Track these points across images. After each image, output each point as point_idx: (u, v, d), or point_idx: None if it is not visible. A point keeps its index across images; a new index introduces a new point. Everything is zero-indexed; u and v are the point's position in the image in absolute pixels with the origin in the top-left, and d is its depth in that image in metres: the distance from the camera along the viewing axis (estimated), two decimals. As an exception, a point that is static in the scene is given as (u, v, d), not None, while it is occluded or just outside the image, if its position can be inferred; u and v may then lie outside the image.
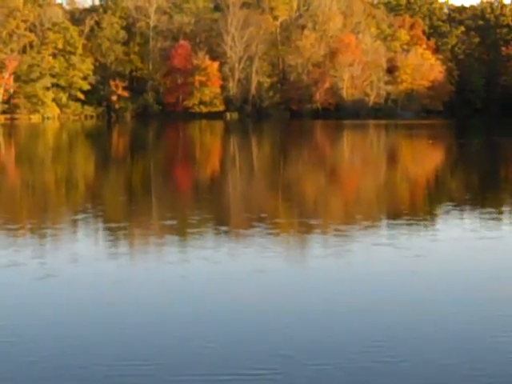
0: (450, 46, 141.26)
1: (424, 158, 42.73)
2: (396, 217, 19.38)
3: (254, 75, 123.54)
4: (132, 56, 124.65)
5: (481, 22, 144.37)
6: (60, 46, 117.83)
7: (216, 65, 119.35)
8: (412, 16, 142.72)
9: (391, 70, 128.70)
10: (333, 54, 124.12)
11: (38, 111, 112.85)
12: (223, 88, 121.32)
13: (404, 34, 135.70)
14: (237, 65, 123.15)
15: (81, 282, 12.19)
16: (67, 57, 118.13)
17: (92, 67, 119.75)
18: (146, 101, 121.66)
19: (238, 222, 18.70)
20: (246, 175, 32.35)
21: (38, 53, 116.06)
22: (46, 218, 19.52)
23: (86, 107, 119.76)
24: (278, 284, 12.08)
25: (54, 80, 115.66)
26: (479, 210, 20.87)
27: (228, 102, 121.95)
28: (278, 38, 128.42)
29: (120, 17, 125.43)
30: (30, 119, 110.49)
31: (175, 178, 32.63)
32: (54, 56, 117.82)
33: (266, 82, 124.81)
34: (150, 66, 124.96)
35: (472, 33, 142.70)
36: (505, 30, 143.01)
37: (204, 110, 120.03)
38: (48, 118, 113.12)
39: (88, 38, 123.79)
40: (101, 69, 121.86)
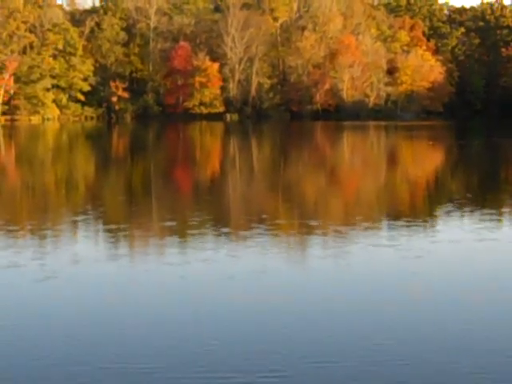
0: (450, 48, 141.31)
1: (424, 160, 42.73)
2: (396, 218, 19.41)
3: (254, 76, 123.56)
4: (132, 57, 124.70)
5: (481, 23, 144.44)
6: (60, 47, 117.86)
7: (216, 66, 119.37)
8: (412, 17, 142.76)
9: (391, 71, 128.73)
10: (333, 55, 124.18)
11: (38, 112, 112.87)
12: (223, 89, 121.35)
13: (404, 36, 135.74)
14: (237, 66, 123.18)
15: (81, 283, 12.21)
16: (67, 58, 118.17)
17: (92, 68, 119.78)
18: (146, 102, 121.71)
19: (238, 224, 18.72)
20: (246, 176, 32.36)
21: (38, 54, 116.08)
22: (47, 219, 19.53)
23: (86, 108, 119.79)
24: (278, 285, 12.09)
25: (54, 81, 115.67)
26: (479, 211, 20.88)
27: (228, 104, 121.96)
28: (278, 39, 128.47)
29: (120, 18, 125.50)
30: (30, 120, 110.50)
31: (175, 179, 32.64)
32: (55, 57, 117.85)
33: (266, 83, 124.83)
34: (150, 67, 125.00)
35: (472, 34, 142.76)
36: (505, 32, 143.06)
37: (204, 111, 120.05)
38: (48, 119, 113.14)
39: (88, 39, 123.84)
40: (101, 70, 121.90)
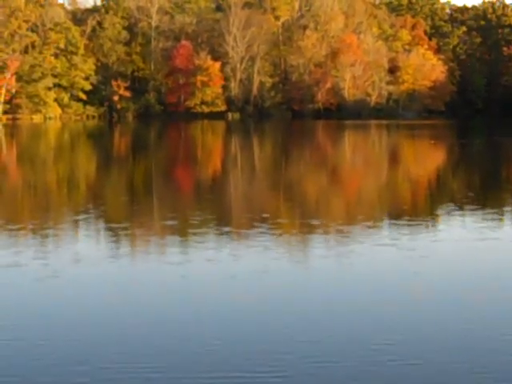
0: (451, 47, 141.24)
1: (426, 158, 42.70)
2: (398, 217, 19.40)
3: (255, 75, 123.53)
4: (134, 56, 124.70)
5: (483, 22, 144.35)
6: (62, 46, 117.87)
7: (218, 65, 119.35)
8: (414, 16, 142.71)
9: (393, 70, 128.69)
10: (334, 54, 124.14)
11: (40, 111, 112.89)
12: (225, 88, 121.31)
13: (406, 34, 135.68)
14: (238, 65, 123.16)
15: (82, 283, 12.21)
16: (69, 57, 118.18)
17: (94, 67, 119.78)
18: (148, 101, 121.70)
19: (240, 223, 18.71)
20: (247, 175, 32.35)
21: (40, 53, 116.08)
22: (48, 218, 19.53)
23: (88, 107, 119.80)
24: (280, 284, 12.08)
25: (56, 80, 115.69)
26: (481, 210, 20.86)
27: (230, 102, 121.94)
28: (280, 38, 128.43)
29: (122, 17, 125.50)
30: (31, 119, 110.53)
31: (177, 178, 32.64)
32: (56, 56, 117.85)
33: (268, 82, 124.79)
34: (152, 66, 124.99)
35: (474, 33, 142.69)
36: (506, 30, 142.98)
37: (206, 110, 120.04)
38: (50, 118, 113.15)
39: (90, 38, 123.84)
40: (103, 69, 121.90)
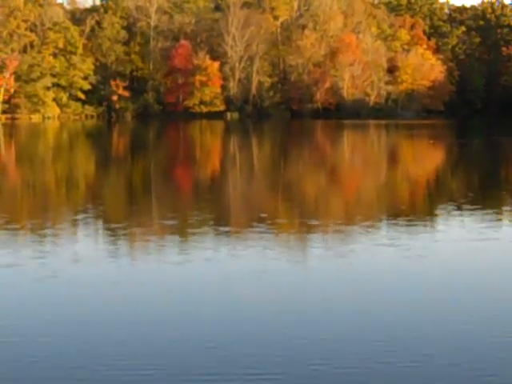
0: (450, 46, 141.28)
1: (425, 158, 42.70)
2: (397, 217, 19.39)
3: (254, 75, 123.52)
4: (133, 56, 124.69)
5: (481, 22, 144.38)
6: (61, 45, 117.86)
7: (216, 65, 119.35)
8: (413, 16, 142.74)
9: (392, 69, 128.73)
10: (333, 54, 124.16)
11: (39, 111, 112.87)
12: (224, 88, 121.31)
13: (404, 34, 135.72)
14: (237, 65, 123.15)
15: (81, 283, 12.19)
16: (68, 56, 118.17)
17: (92, 67, 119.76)
18: (147, 101, 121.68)
19: (239, 223, 18.70)
20: (246, 175, 32.34)
21: (39, 52, 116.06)
22: (47, 217, 19.51)
23: (87, 107, 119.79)
24: (279, 284, 12.07)
25: (55, 80, 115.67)
26: (480, 210, 20.86)
27: (228, 102, 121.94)
28: (279, 37, 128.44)
29: (121, 17, 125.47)
30: (30, 119, 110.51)
31: (176, 178, 32.62)
32: (55, 56, 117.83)
33: (267, 81, 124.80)
34: (151, 66, 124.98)
35: (473, 33, 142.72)
36: (505, 30, 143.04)
37: (204, 109, 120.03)
38: (48, 118, 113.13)
39: (89, 38, 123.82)
40: (101, 69, 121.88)
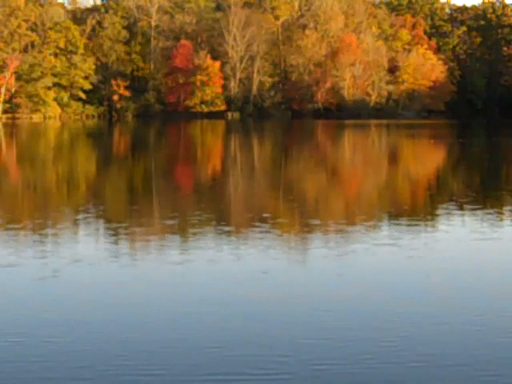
0: (451, 46, 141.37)
1: (425, 158, 42.70)
2: (398, 216, 19.37)
3: (255, 75, 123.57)
4: (133, 55, 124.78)
5: (482, 22, 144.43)
6: (61, 45, 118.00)
7: (217, 64, 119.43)
8: (413, 16, 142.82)
9: (392, 69, 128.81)
10: (334, 54, 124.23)
11: (40, 111, 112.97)
12: (224, 88, 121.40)
13: (405, 34, 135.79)
14: (238, 64, 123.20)
15: (82, 282, 12.17)
16: (69, 56, 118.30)
17: (93, 67, 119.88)
18: (148, 100, 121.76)
19: (240, 222, 18.68)
20: (247, 175, 32.32)
21: (40, 52, 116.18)
22: (48, 217, 19.49)
23: (88, 107, 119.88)
24: (280, 284, 12.05)
25: (56, 79, 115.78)
26: (482, 210, 20.84)
27: (229, 102, 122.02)
28: (280, 37, 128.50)
29: (122, 16, 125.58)
30: (31, 118, 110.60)
31: (177, 177, 32.61)
32: (56, 55, 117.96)
33: (268, 81, 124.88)
34: (152, 66, 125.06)
35: (473, 33, 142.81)
36: (506, 30, 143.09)
37: (205, 109, 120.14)
38: (49, 118, 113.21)
39: (89, 38, 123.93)
40: (102, 68, 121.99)
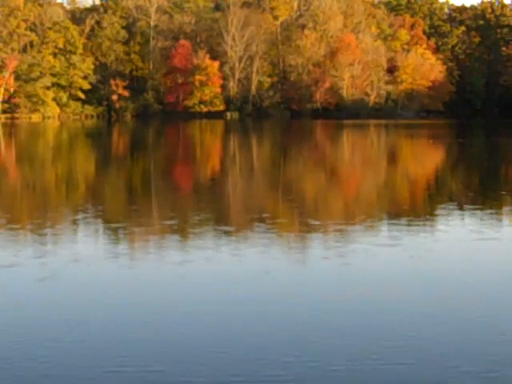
0: (450, 46, 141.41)
1: (424, 158, 42.71)
2: (397, 216, 19.37)
3: (254, 75, 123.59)
4: (132, 55, 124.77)
5: (481, 21, 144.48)
6: (60, 45, 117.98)
7: (216, 64, 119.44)
8: (412, 16, 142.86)
9: (391, 69, 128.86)
10: (333, 54, 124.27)
11: (39, 110, 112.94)
12: (223, 87, 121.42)
13: (404, 34, 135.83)
14: (237, 64, 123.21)
15: (81, 283, 12.16)
16: (68, 56, 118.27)
17: (92, 66, 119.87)
18: (147, 100, 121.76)
19: (240, 222, 18.67)
20: (247, 175, 32.32)
21: (39, 52, 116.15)
22: (47, 217, 19.48)
23: (87, 107, 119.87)
24: (280, 285, 12.04)
25: (55, 79, 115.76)
26: (481, 210, 20.84)
27: (228, 102, 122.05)
28: (279, 37, 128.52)
29: (120, 16, 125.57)
30: (30, 118, 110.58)
31: (176, 177, 32.61)
32: (55, 55, 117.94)
33: (267, 81, 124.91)
34: (151, 66, 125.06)
35: (472, 33, 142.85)
36: (505, 30, 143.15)
37: (204, 109, 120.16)
38: (48, 118, 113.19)
39: (88, 38, 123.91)
40: (101, 68, 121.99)
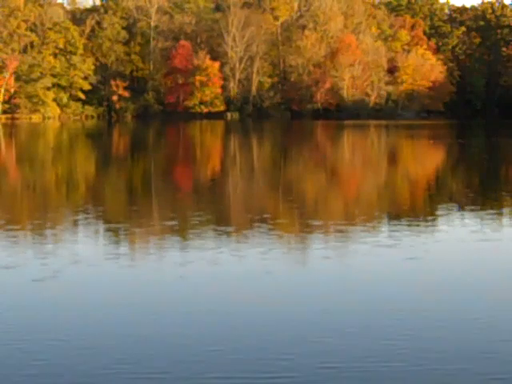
0: (450, 47, 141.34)
1: (425, 159, 42.70)
2: (398, 217, 19.37)
3: (254, 75, 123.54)
4: (133, 56, 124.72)
5: (482, 22, 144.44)
6: (61, 45, 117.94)
7: (217, 65, 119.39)
8: (413, 16, 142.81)
9: (392, 70, 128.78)
10: (333, 55, 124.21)
11: (39, 111, 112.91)
12: (224, 88, 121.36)
13: (405, 35, 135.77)
14: (237, 65, 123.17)
15: (82, 283, 12.16)
16: (68, 57, 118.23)
17: (93, 67, 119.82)
18: (147, 101, 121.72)
19: (241, 223, 18.67)
20: (247, 175, 32.32)
21: (39, 53, 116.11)
22: (47, 218, 19.48)
23: (87, 107, 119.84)
24: (281, 285, 12.04)
25: (55, 80, 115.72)
26: (481, 210, 20.83)
27: (229, 102, 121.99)
28: (279, 38, 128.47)
29: (121, 17, 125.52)
30: (30, 119, 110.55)
31: (176, 178, 32.61)
32: (55, 56, 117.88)
33: (267, 82, 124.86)
34: (151, 66, 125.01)
35: (473, 33, 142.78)
36: (505, 31, 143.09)
37: (205, 110, 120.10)
38: (49, 118, 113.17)
39: (89, 38, 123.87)
40: (101, 69, 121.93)
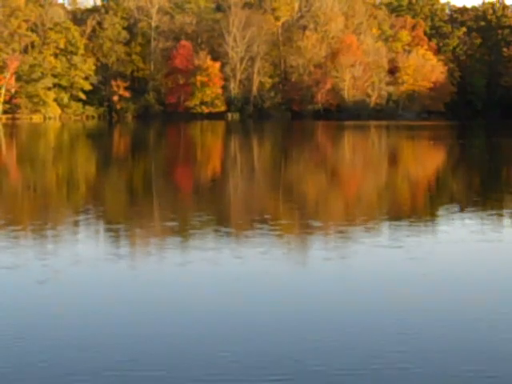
0: (451, 47, 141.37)
1: (425, 159, 42.69)
2: (399, 218, 19.36)
3: (255, 76, 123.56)
4: (133, 56, 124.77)
5: (482, 23, 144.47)
6: (62, 46, 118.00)
7: (217, 65, 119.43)
8: (414, 17, 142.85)
9: (392, 70, 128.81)
10: (334, 55, 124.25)
11: (40, 111, 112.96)
12: (224, 88, 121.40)
13: (405, 35, 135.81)
14: (238, 65, 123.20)
15: (83, 284, 12.16)
16: (69, 57, 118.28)
17: (93, 67, 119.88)
18: (148, 101, 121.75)
19: (241, 224, 18.67)
20: (248, 176, 32.32)
21: (40, 53, 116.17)
22: (48, 218, 19.48)
23: (88, 107, 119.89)
24: (281, 286, 12.03)
25: (56, 80, 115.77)
26: (482, 211, 20.83)
27: (229, 103, 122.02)
28: (280, 38, 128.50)
29: (122, 17, 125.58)
30: (31, 119, 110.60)
31: (177, 178, 32.61)
32: (56, 56, 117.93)
33: (268, 82, 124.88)
34: (152, 67, 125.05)
35: (474, 34, 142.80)
36: (506, 31, 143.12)
37: (205, 110, 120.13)
38: (49, 118, 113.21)
39: (90, 38, 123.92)
40: (102, 69, 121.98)
